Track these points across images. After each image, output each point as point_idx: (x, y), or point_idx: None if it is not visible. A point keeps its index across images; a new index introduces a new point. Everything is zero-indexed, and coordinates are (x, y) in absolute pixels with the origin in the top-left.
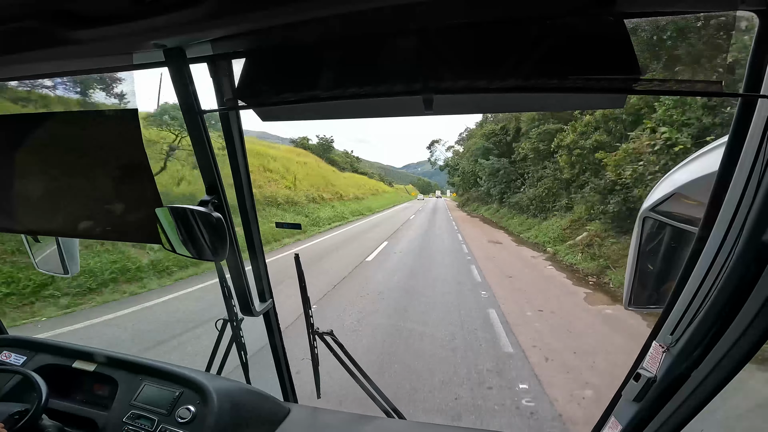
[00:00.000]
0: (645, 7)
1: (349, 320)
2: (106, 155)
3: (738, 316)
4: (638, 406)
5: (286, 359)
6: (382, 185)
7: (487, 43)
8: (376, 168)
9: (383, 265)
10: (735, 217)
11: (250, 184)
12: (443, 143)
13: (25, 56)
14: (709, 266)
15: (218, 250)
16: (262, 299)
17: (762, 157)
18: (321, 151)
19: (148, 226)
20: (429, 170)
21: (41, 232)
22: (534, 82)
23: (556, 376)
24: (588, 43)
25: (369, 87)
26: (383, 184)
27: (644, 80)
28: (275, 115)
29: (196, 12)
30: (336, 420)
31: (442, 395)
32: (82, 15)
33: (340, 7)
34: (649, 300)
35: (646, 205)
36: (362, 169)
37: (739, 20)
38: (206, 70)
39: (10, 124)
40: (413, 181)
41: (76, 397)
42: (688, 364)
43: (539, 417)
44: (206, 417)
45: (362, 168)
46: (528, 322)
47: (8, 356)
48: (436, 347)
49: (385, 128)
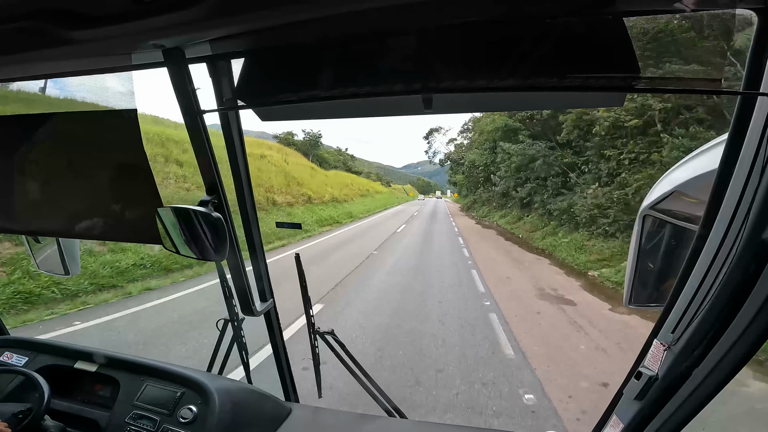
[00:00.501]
0: (644, 5)
1: None
2: (106, 155)
3: (739, 314)
4: (640, 405)
5: (287, 359)
6: (376, 185)
7: (486, 42)
8: (374, 167)
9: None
10: (735, 215)
11: (250, 183)
12: (443, 132)
13: (23, 57)
14: (710, 264)
15: (219, 249)
16: (262, 299)
17: (762, 154)
18: (308, 148)
19: (149, 226)
20: (429, 170)
21: (41, 232)
22: (533, 81)
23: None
24: (587, 42)
25: (368, 86)
26: (378, 185)
27: (643, 78)
28: (275, 115)
29: (195, 12)
30: (337, 420)
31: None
32: (80, 15)
33: (340, 7)
34: (650, 298)
35: (646, 203)
36: (356, 167)
37: (738, 18)
38: (205, 70)
39: (9, 124)
40: (412, 181)
41: (78, 398)
42: (690, 363)
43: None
44: (208, 417)
45: (356, 167)
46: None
47: (10, 357)
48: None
49: (384, 128)
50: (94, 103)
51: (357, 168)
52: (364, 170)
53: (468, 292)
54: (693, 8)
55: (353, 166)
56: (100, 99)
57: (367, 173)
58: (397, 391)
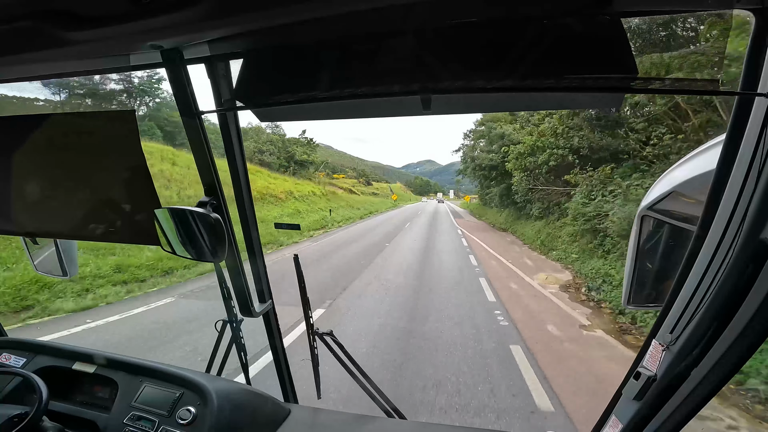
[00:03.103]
0: (642, 6)
1: None
2: (104, 156)
3: (737, 314)
4: (639, 405)
5: (286, 360)
6: (357, 186)
7: (484, 42)
8: (369, 166)
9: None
10: (733, 215)
11: (248, 185)
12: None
13: (21, 57)
14: (708, 264)
15: (217, 251)
16: (261, 300)
17: (759, 154)
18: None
19: (147, 227)
20: (429, 170)
21: (39, 234)
22: (532, 81)
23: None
24: (585, 42)
25: (367, 87)
26: (359, 185)
27: (641, 79)
28: (273, 116)
29: (193, 13)
30: (336, 420)
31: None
32: (78, 16)
33: (338, 8)
34: (648, 298)
35: (644, 204)
36: (316, 158)
37: (735, 19)
38: (204, 70)
39: (7, 125)
40: (410, 180)
41: (76, 399)
42: (688, 363)
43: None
44: (206, 418)
45: (318, 157)
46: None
47: (8, 358)
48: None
49: (384, 128)
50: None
51: (318, 158)
52: (326, 160)
53: None
54: (690, 9)
55: (315, 158)
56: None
57: (341, 169)
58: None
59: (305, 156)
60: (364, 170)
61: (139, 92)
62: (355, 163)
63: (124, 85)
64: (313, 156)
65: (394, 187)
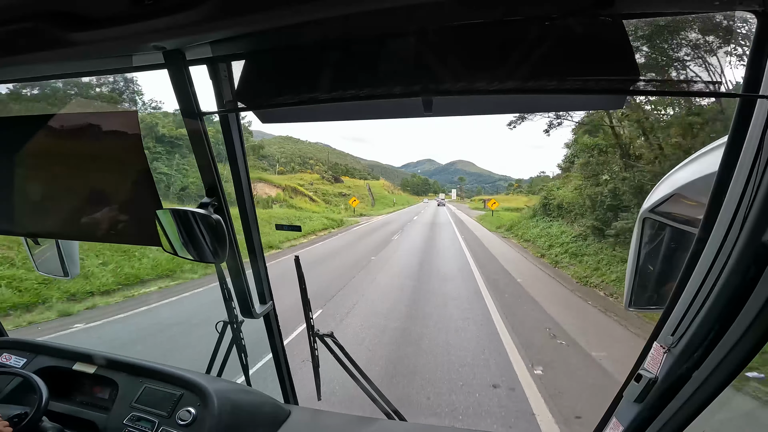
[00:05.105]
0: (643, 7)
1: None
2: (106, 157)
3: (739, 317)
4: (640, 407)
5: (286, 361)
6: (318, 183)
7: (486, 44)
8: (364, 165)
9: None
10: (735, 218)
11: (250, 186)
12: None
13: (24, 58)
14: (710, 267)
15: (218, 252)
16: (262, 301)
17: (761, 157)
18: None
19: (148, 228)
20: (429, 169)
21: (41, 234)
22: (533, 83)
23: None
24: (587, 44)
25: (368, 89)
26: (321, 182)
27: (643, 81)
28: (275, 117)
29: (196, 14)
30: (337, 422)
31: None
32: (81, 17)
33: (340, 9)
34: (650, 301)
35: (646, 206)
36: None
37: (737, 21)
38: (206, 72)
39: (9, 125)
40: (406, 178)
41: (76, 399)
42: (689, 365)
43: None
44: (206, 419)
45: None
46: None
47: (8, 358)
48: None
49: (384, 129)
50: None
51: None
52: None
53: None
54: (692, 11)
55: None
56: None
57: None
58: None
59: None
60: (337, 162)
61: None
62: (355, 163)
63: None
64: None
65: (375, 184)
